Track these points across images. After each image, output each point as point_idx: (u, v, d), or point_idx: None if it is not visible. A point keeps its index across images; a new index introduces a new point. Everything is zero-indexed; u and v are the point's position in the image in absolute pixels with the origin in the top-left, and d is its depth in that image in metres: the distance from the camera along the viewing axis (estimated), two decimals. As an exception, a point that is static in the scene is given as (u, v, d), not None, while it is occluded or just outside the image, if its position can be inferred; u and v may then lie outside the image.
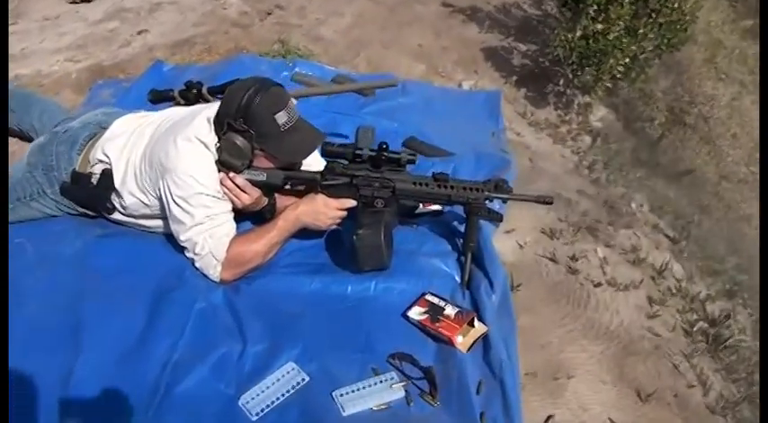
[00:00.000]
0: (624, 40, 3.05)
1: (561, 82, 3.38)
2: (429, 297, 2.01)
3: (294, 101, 2.15)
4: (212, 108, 2.12)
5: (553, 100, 3.43)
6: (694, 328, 2.15)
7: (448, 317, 1.94)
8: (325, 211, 2.10)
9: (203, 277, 2.08)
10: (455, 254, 2.22)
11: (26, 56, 3.77)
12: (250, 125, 1.98)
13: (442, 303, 1.98)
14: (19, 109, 2.84)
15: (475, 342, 1.92)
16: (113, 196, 2.24)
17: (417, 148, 2.84)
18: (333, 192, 2.10)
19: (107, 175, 2.23)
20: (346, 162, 2.12)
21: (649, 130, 3.50)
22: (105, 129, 2.35)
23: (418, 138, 2.89)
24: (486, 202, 2.08)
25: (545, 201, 2.04)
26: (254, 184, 2.10)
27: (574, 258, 2.28)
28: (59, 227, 2.35)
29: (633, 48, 3.05)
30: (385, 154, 2.05)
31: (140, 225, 2.28)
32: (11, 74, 3.56)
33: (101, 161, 2.25)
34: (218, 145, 2.05)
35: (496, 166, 2.67)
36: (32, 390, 1.74)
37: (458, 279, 2.15)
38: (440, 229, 2.33)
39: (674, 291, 2.28)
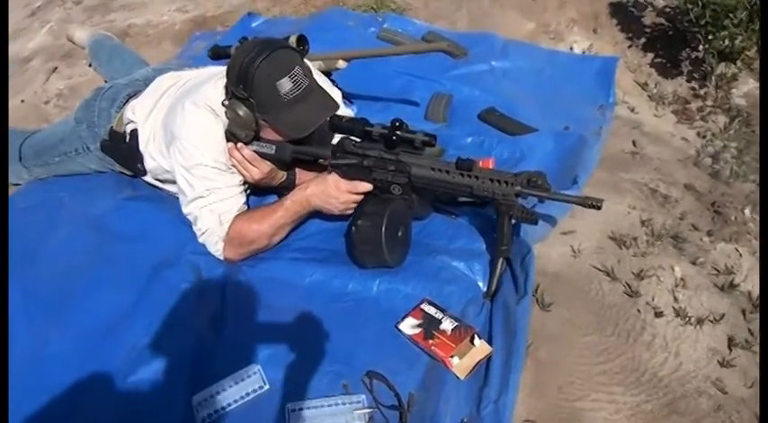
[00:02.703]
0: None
1: (700, 47, 2.75)
2: (425, 306, 1.70)
3: (310, 66, 1.89)
4: None
5: (687, 69, 2.79)
6: (786, 386, 1.62)
7: (444, 332, 1.63)
8: (336, 194, 1.84)
9: (205, 254, 1.93)
10: (488, 256, 1.86)
11: (144, 5, 3.81)
12: (250, 93, 1.76)
13: (439, 315, 1.67)
14: (92, 53, 2.93)
15: (476, 366, 1.59)
16: (143, 158, 2.14)
17: (493, 122, 2.47)
18: (345, 172, 1.83)
19: (135, 136, 2.13)
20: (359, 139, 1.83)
21: (814, 111, 2.76)
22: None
23: (498, 109, 2.50)
24: (521, 199, 1.70)
25: (591, 204, 1.61)
26: (264, 157, 1.89)
27: (639, 276, 1.82)
28: (99, 184, 2.32)
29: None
30: (397, 133, 1.73)
31: (168, 190, 2.17)
32: (125, 23, 3.63)
33: (131, 121, 2.15)
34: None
35: (571, 149, 2.22)
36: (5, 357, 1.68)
37: (482, 287, 1.80)
38: (482, 223, 1.97)
39: (772, 331, 1.75)
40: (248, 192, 2.03)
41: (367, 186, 1.83)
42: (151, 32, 3.50)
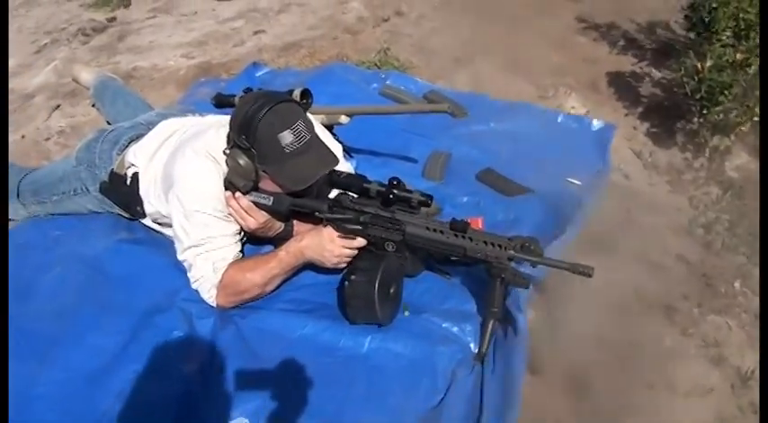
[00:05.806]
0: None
1: (695, 119, 2.82)
2: None
3: (313, 120, 1.92)
4: None
5: (682, 140, 2.86)
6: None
7: None
8: (331, 247, 1.85)
9: (198, 302, 1.92)
10: (480, 318, 1.86)
11: (151, 49, 3.88)
12: (252, 143, 1.78)
13: None
14: (96, 94, 2.97)
15: None
16: (143, 202, 2.15)
17: (491, 182, 2.49)
18: (341, 227, 1.84)
19: (136, 179, 2.15)
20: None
21: (806, 188, 2.82)
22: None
23: (495, 169, 2.53)
24: (513, 263, 1.72)
25: (582, 272, 1.63)
26: (261, 207, 1.90)
27: (629, 345, 1.83)
28: (96, 225, 2.32)
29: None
30: (394, 191, 1.76)
31: (166, 234, 2.18)
32: (130, 65, 3.68)
33: (133, 164, 2.17)
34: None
35: (564, 212, 2.25)
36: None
37: (473, 349, 1.80)
38: (475, 283, 1.97)
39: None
40: (244, 240, 2.04)
41: (362, 242, 1.84)
42: (156, 76, 3.56)
